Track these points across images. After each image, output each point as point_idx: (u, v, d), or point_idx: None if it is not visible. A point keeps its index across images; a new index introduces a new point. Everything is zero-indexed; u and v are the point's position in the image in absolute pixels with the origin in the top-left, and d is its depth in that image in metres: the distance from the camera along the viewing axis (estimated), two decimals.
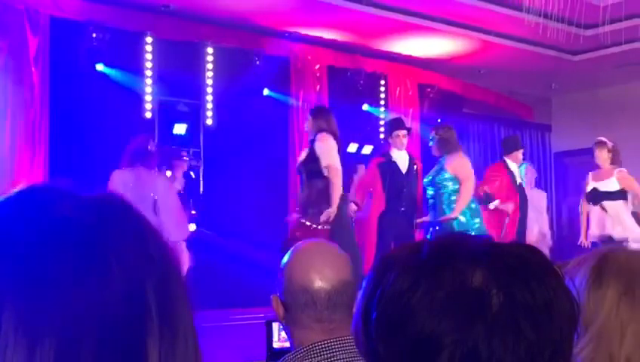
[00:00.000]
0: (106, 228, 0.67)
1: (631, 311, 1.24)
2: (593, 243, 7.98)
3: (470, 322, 0.81)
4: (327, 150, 6.61)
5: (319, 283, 1.90)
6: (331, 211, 6.49)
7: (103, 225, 0.67)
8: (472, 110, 11.76)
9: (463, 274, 0.82)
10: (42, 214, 0.67)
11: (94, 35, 7.97)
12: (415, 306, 0.82)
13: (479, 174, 8.30)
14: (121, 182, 6.23)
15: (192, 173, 8.93)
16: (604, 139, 8.28)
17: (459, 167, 7.32)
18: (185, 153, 8.51)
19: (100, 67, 8.10)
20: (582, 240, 8.22)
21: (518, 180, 8.38)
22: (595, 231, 8.14)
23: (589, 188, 8.29)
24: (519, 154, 8.52)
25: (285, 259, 2.01)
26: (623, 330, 1.23)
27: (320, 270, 1.91)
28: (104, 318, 0.63)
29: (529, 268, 0.84)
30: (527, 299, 0.81)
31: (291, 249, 2.05)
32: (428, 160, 10.51)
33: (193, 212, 8.58)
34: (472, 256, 0.84)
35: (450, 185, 7.27)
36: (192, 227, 8.55)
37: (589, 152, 12.14)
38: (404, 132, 7.58)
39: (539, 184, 10.34)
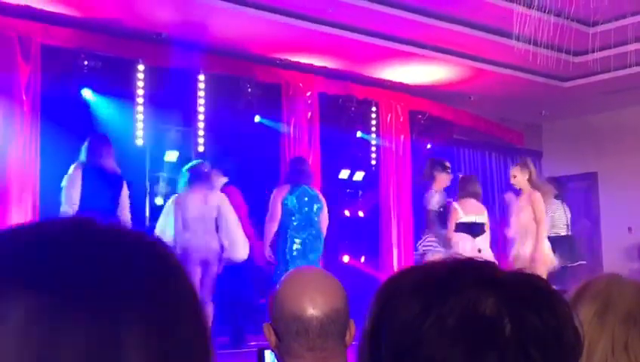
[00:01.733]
0: (168, 267, 0.69)
1: (600, 330, 1.26)
2: None
3: (482, 350, 0.80)
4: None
5: (311, 311, 1.88)
6: None
7: (165, 265, 0.69)
8: (463, 136, 11.80)
9: (475, 301, 0.81)
10: (85, 248, 0.66)
11: (86, 62, 7.98)
12: (426, 333, 0.81)
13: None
14: (188, 202, 6.93)
15: None
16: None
17: None
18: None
19: (91, 94, 8.11)
20: None
21: None
22: None
23: None
24: None
25: (277, 286, 2.00)
26: (592, 347, 1.24)
27: (312, 298, 1.90)
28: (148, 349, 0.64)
29: (539, 295, 0.84)
30: (538, 327, 0.81)
31: (283, 276, 2.04)
32: (418, 185, 10.53)
33: None
34: (482, 282, 0.84)
35: None
36: None
37: (580, 178, 12.23)
38: None
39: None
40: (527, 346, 0.80)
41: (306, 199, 7.42)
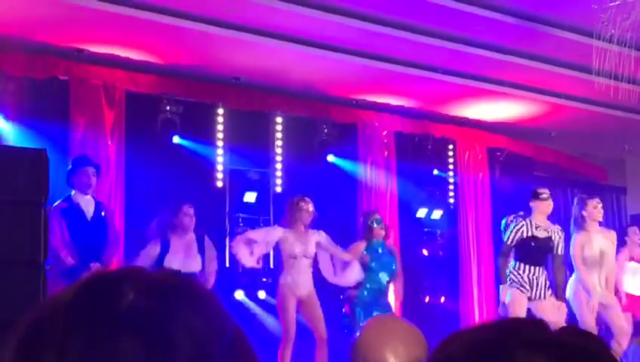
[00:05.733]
0: (170, 310, 0.67)
1: None
2: None
3: None
4: None
5: (393, 360, 1.87)
6: None
7: (167, 307, 0.67)
8: (544, 173, 11.57)
9: None
10: (105, 305, 0.67)
11: (168, 107, 8.21)
12: None
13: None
14: (290, 238, 7.28)
15: None
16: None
17: None
18: None
19: (175, 139, 8.32)
20: None
21: None
22: None
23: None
24: None
25: (357, 334, 2.00)
26: None
27: (393, 347, 1.89)
28: None
29: (589, 358, 0.81)
30: None
31: (364, 324, 2.04)
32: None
33: (264, 279, 8.62)
34: (531, 345, 0.81)
35: None
36: (262, 294, 8.56)
37: None
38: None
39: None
40: None
41: (381, 255, 7.72)
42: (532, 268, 7.20)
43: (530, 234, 7.23)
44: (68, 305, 0.67)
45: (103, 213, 6.82)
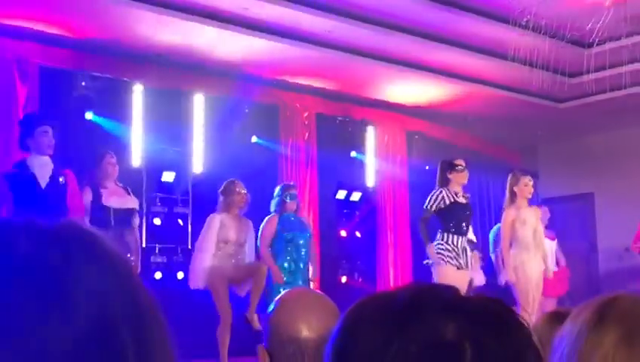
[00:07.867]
0: (70, 265, 0.63)
1: (628, 357, 1.19)
2: None
3: None
4: None
5: (306, 332, 1.86)
6: None
7: (67, 261, 0.63)
8: (460, 157, 11.79)
9: (436, 327, 0.80)
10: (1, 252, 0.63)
11: (83, 83, 8.02)
12: None
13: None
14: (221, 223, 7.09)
15: (180, 221, 8.90)
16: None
17: None
18: None
19: (89, 115, 8.13)
20: None
21: None
22: None
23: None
24: None
25: (271, 307, 1.99)
26: None
27: (307, 319, 1.88)
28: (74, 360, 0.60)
29: (500, 321, 0.83)
30: (498, 351, 0.80)
31: (278, 297, 2.04)
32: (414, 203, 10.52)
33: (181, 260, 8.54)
34: (443, 308, 0.82)
35: None
36: (180, 275, 8.48)
37: (576, 199, 12.23)
38: None
39: None
40: None
41: (295, 226, 7.59)
42: (457, 237, 7.21)
43: (452, 200, 7.26)
44: None
45: (61, 179, 6.03)
